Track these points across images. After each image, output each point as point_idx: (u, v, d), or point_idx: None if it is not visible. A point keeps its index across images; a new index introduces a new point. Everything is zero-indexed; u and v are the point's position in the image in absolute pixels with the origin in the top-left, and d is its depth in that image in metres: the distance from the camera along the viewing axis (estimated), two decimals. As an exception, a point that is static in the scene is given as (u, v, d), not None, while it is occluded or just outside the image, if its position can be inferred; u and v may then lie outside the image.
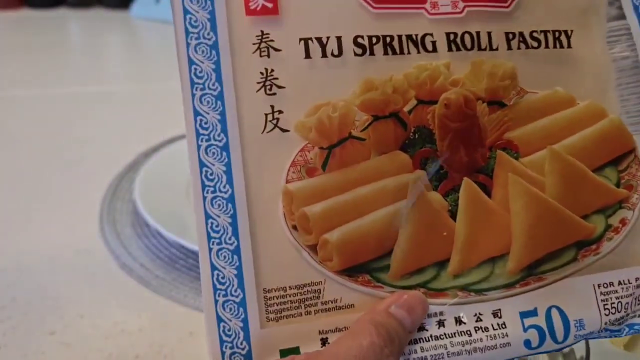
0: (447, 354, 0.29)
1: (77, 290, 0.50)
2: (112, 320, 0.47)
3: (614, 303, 0.31)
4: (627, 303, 0.31)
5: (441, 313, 0.29)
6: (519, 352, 0.29)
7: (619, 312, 0.31)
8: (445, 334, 0.29)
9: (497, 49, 0.31)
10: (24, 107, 0.87)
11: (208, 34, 0.28)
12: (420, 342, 0.29)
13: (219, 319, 0.27)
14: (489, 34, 0.31)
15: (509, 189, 0.31)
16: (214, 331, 0.27)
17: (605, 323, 0.31)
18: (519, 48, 0.32)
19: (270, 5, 0.29)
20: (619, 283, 0.31)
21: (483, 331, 0.29)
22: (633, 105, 0.33)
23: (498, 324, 0.29)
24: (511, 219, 0.30)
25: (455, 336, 0.29)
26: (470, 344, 0.29)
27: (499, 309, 0.29)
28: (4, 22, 1.22)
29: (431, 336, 0.29)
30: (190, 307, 0.49)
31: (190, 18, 0.27)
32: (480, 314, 0.29)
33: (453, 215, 0.30)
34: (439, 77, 0.30)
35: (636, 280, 0.32)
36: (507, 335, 0.29)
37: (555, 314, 0.30)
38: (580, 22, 0.33)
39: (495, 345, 0.29)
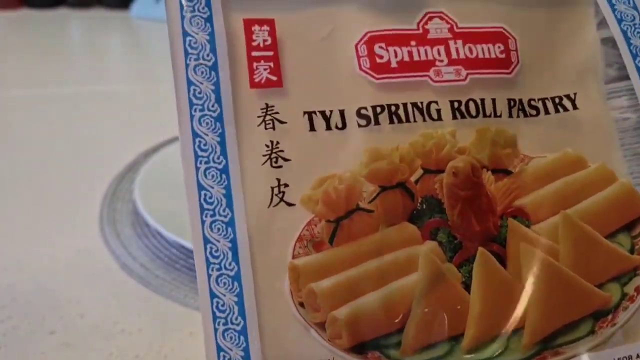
0: None
1: (77, 290, 0.49)
2: (112, 320, 0.46)
3: None
4: None
5: None
6: None
7: None
8: None
9: (500, 116, 0.31)
10: (24, 107, 0.86)
11: (212, 105, 0.27)
12: None
13: None
14: (493, 100, 0.31)
15: (521, 259, 0.30)
16: None
17: None
18: (518, 116, 0.32)
19: (274, 78, 0.29)
20: (637, 356, 0.30)
21: None
22: (636, 166, 0.33)
23: None
24: (525, 290, 0.29)
25: None
26: None
27: None
28: (3, 22, 1.21)
29: None
30: (190, 307, 0.48)
31: (195, 89, 0.27)
32: None
33: (467, 287, 0.29)
34: (445, 146, 0.30)
35: None
36: None
37: None
38: (580, 84, 0.33)
39: None
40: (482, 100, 0.31)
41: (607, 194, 0.32)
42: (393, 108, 0.30)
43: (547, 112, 0.32)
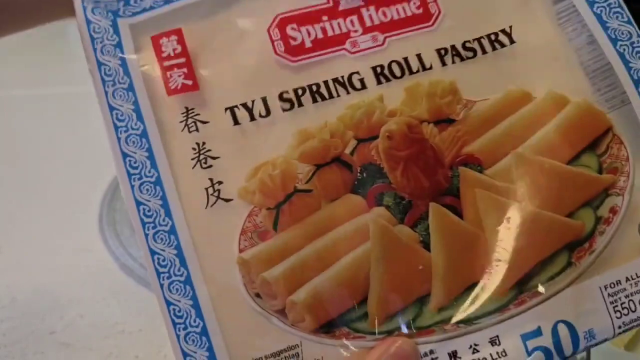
0: None
1: (77, 290, 0.50)
2: (112, 320, 0.47)
3: (624, 303, 0.28)
4: None
5: (432, 352, 0.26)
6: None
7: (632, 311, 0.28)
8: None
9: (431, 68, 0.31)
10: (24, 107, 0.89)
11: (135, 124, 0.29)
12: None
13: None
14: (419, 56, 0.31)
15: (478, 206, 0.29)
16: None
17: (619, 327, 0.27)
18: (453, 62, 0.31)
19: (190, 82, 0.30)
20: (627, 279, 0.28)
21: None
22: (601, 81, 0.31)
23: (497, 353, 0.26)
24: (487, 236, 0.28)
25: None
26: None
27: (497, 336, 0.27)
28: None
29: None
30: (189, 306, 0.48)
31: (117, 113, 0.29)
32: (475, 345, 0.27)
33: (426, 245, 0.28)
34: (374, 112, 0.30)
35: None
36: None
37: (562, 329, 0.27)
38: (521, 13, 0.32)
39: None
40: (405, 58, 0.31)
41: (560, 119, 0.30)
42: (314, 87, 0.30)
43: (484, 51, 0.31)
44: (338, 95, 0.30)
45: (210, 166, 0.29)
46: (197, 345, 0.27)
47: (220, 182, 0.28)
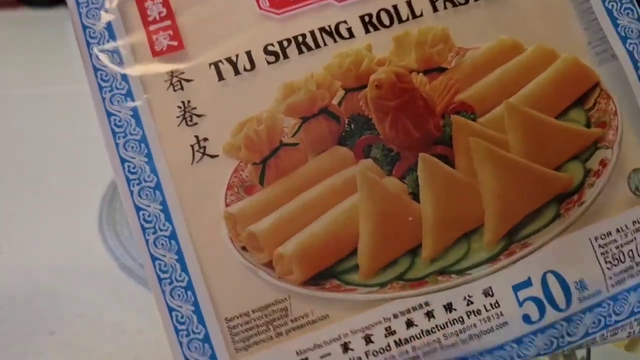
0: (441, 347, 0.25)
1: (77, 290, 0.51)
2: (112, 320, 0.47)
3: (615, 254, 0.28)
4: (630, 251, 0.27)
5: (427, 304, 0.26)
6: (519, 330, 0.26)
7: (622, 262, 0.28)
8: (437, 326, 0.26)
9: (421, 15, 0.30)
10: (24, 106, 0.89)
11: (120, 84, 0.29)
12: (411, 340, 0.26)
13: None
14: (409, 2, 0.30)
15: (472, 155, 0.28)
16: None
17: (610, 277, 0.27)
18: (445, 8, 0.30)
19: (175, 43, 0.29)
20: (617, 231, 0.27)
21: (476, 315, 0.26)
22: (592, 34, 0.30)
23: (491, 304, 0.26)
24: (479, 186, 0.27)
25: (447, 326, 0.26)
26: (465, 331, 0.26)
27: (490, 287, 0.26)
28: (3, 22, 1.24)
29: (422, 332, 0.26)
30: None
31: (101, 73, 0.29)
32: (469, 296, 0.26)
33: (416, 197, 0.28)
34: (363, 61, 0.29)
35: (634, 224, 0.28)
36: (502, 315, 0.26)
37: (551, 279, 0.27)
38: None
39: (491, 328, 0.26)
40: (395, 6, 0.30)
41: (550, 73, 0.30)
42: (300, 38, 0.29)
43: None
44: (325, 45, 0.29)
45: (196, 124, 0.28)
46: (183, 300, 0.27)
47: (205, 139, 0.28)
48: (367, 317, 0.26)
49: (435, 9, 0.30)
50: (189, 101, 0.29)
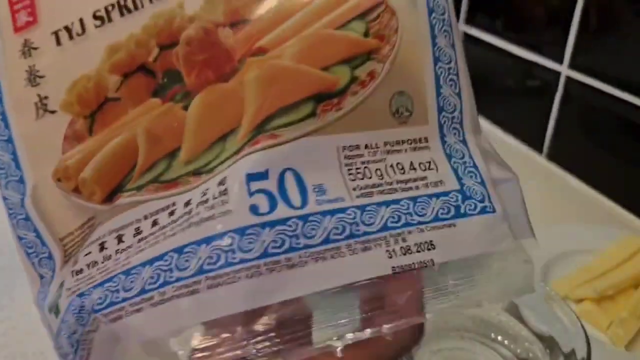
0: (164, 237, 0.28)
1: None
2: None
3: (359, 168, 0.28)
4: (378, 170, 0.28)
5: (173, 204, 0.29)
6: (245, 220, 0.26)
7: (368, 178, 0.28)
8: (172, 221, 0.29)
9: (232, -28, 0.32)
10: None
11: None
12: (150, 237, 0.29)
13: (41, 276, 0.32)
14: None
15: (245, 71, 0.30)
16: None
17: (353, 189, 0.27)
18: None
19: (31, 18, 0.34)
20: (366, 146, 0.28)
21: (203, 204, 0.28)
22: None
23: (220, 192, 0.28)
24: (244, 93, 0.30)
25: (178, 220, 0.28)
26: (188, 220, 0.28)
27: (225, 177, 0.28)
28: None
29: (160, 228, 0.29)
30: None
31: None
32: (207, 189, 0.28)
33: None
34: (175, 19, 0.32)
35: (385, 145, 0.28)
36: (227, 203, 0.27)
37: (289, 177, 0.27)
38: None
39: (213, 215, 0.27)
40: None
41: None
42: (122, 2, 0.33)
43: None
44: (142, 7, 0.33)
45: (38, 84, 0.33)
46: (28, 230, 0.32)
47: (46, 97, 0.33)
48: (123, 218, 0.30)
49: None
50: (34, 65, 0.34)
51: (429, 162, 0.30)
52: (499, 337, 0.50)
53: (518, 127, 1.04)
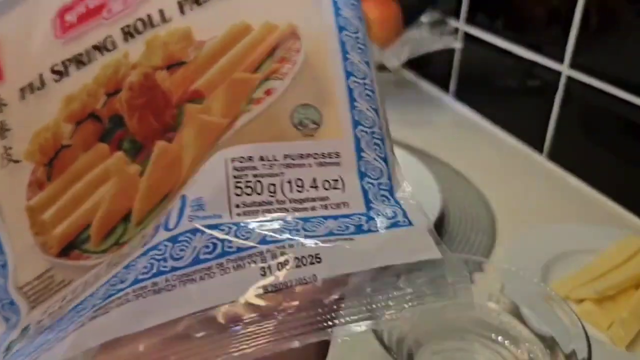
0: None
1: None
2: None
3: (250, 182, 0.27)
4: (272, 185, 0.27)
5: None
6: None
7: (257, 193, 0.27)
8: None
9: (170, 20, 0.34)
10: None
11: None
12: None
13: (6, 319, 0.34)
14: (161, 10, 0.34)
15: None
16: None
17: (237, 205, 0.26)
18: (191, 9, 0.34)
19: None
20: (261, 158, 0.27)
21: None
22: None
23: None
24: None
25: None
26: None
27: None
28: None
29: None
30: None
31: None
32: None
33: None
34: (121, 68, 0.34)
35: (285, 158, 0.27)
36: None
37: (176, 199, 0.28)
38: None
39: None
40: (149, 15, 0.34)
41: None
42: (78, 57, 0.35)
43: None
44: (96, 59, 0.35)
45: (6, 137, 0.36)
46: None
47: (10, 148, 0.36)
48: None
49: (182, 12, 0.34)
50: (4, 121, 0.37)
51: (336, 181, 0.28)
52: (500, 338, 0.49)
53: (518, 126, 1.01)
